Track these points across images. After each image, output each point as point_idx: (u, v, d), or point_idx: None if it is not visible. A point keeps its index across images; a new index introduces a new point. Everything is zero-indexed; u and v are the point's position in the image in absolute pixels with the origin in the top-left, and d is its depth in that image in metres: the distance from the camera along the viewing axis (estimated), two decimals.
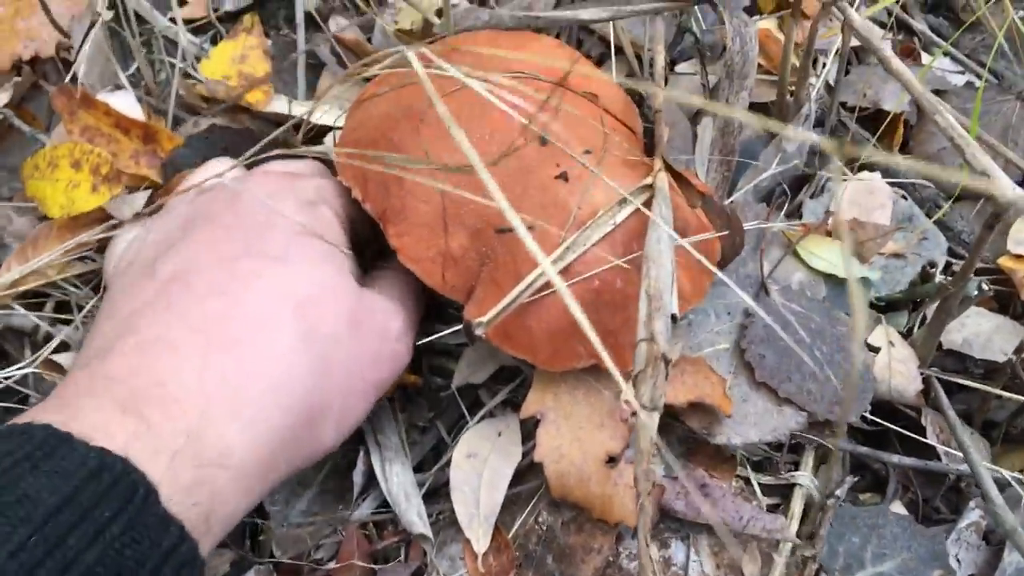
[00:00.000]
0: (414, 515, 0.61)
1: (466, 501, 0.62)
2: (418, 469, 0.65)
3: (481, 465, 0.63)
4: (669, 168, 0.60)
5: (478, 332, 0.55)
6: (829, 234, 0.74)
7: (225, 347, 0.49)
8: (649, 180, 0.58)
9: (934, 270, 0.74)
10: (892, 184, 0.80)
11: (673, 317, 0.52)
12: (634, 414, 0.47)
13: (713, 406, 0.61)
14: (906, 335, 0.73)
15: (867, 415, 0.68)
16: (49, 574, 0.36)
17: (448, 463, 0.63)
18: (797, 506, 0.65)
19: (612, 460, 0.59)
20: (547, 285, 0.55)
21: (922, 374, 0.70)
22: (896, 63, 0.61)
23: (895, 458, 0.68)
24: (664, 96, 0.64)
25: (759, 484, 0.65)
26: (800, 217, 0.78)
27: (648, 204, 0.57)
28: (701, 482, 0.62)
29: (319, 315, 0.53)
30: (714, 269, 0.50)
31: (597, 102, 0.63)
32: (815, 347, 0.67)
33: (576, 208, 0.56)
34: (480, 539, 0.61)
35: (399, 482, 0.63)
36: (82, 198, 0.70)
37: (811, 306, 0.69)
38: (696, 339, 0.66)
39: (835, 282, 0.72)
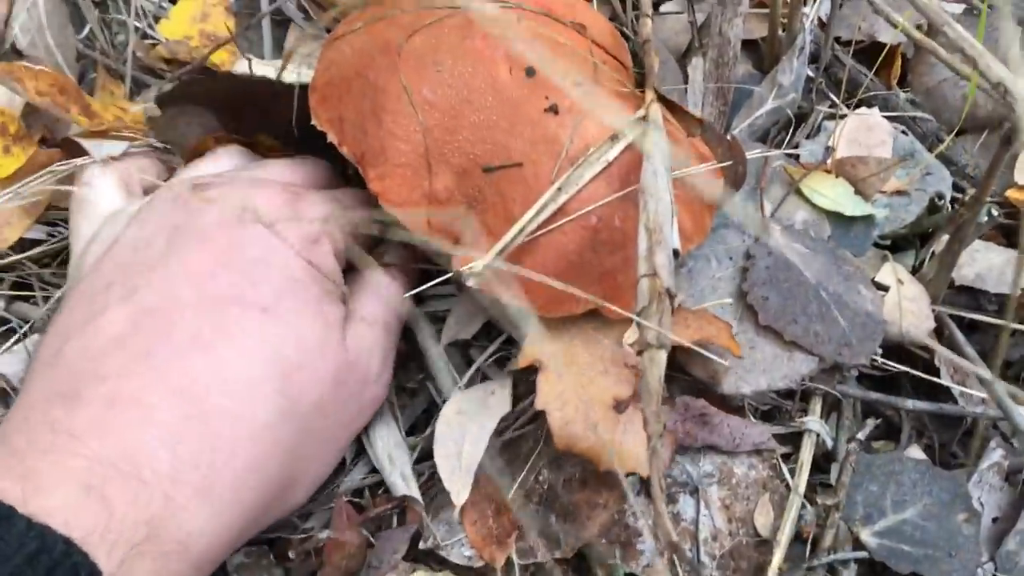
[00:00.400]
0: (397, 477, 0.58)
1: (448, 454, 0.58)
2: (411, 433, 0.62)
3: (468, 420, 0.59)
4: (663, 99, 0.56)
5: (470, 283, 0.51)
6: (831, 172, 0.71)
7: (204, 418, 0.45)
8: (642, 112, 0.55)
9: (942, 202, 0.70)
10: (891, 119, 0.77)
11: (675, 253, 0.48)
12: (640, 353, 0.43)
13: (721, 349, 0.58)
14: (914, 273, 0.70)
15: (877, 358, 0.65)
16: None
17: None
18: (807, 454, 0.61)
19: (620, 405, 0.55)
20: (541, 226, 0.52)
21: (934, 311, 0.67)
22: None
23: (909, 403, 0.65)
24: (651, 26, 0.60)
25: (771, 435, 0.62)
26: (797, 159, 0.75)
27: (643, 136, 0.53)
28: (700, 410, 0.59)
29: (304, 383, 0.50)
30: (717, 197, 0.46)
31: (585, 33, 0.59)
32: (821, 287, 0.63)
33: (568, 142, 0.52)
34: (460, 491, 0.57)
35: (384, 444, 0.60)
36: None
37: (815, 245, 0.65)
38: (697, 287, 0.63)
39: (839, 220, 0.69)
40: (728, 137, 0.57)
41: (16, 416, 0.45)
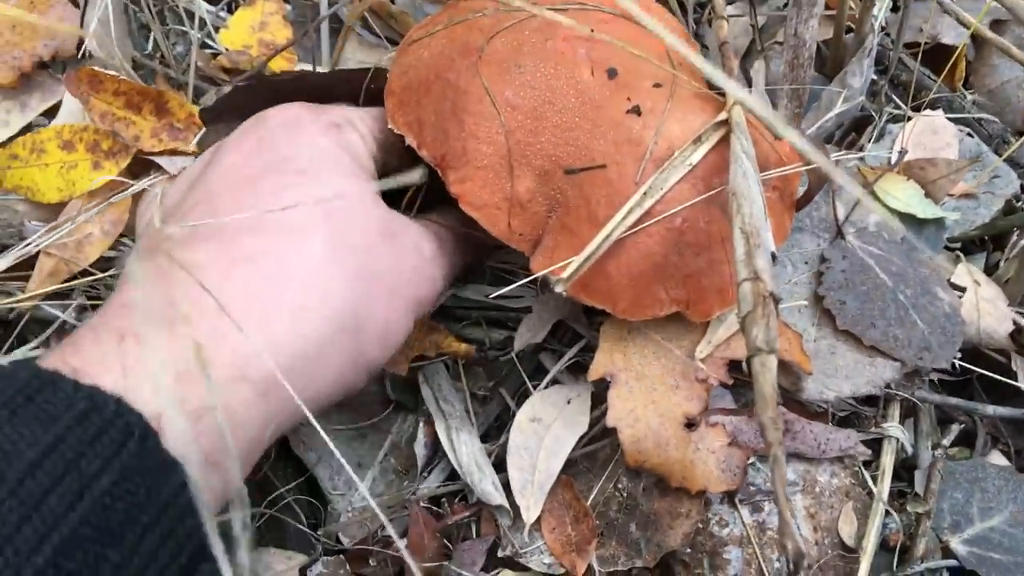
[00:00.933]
0: (489, 485, 0.57)
1: (522, 466, 0.57)
2: (484, 441, 0.61)
3: (544, 431, 0.58)
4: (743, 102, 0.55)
5: (558, 289, 0.50)
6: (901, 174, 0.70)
7: (251, 259, 0.44)
8: (724, 115, 0.54)
9: (1021, 203, 0.69)
10: (955, 122, 0.76)
11: (773, 256, 0.47)
12: (750, 359, 0.42)
13: (792, 363, 0.57)
14: (988, 275, 0.69)
15: (955, 362, 0.64)
16: (25, 545, 0.32)
17: None
18: (888, 459, 0.60)
19: (691, 424, 0.54)
20: (626, 230, 0.51)
21: (1014, 312, 0.66)
22: None
23: (989, 409, 0.64)
24: (727, 28, 0.59)
25: None
26: (863, 161, 0.74)
27: (727, 138, 0.52)
28: (782, 418, 0.58)
29: (349, 224, 0.48)
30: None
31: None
32: (898, 290, 0.62)
33: (652, 144, 0.51)
34: (531, 507, 0.56)
35: (469, 451, 0.58)
36: (83, 177, 0.65)
37: (890, 248, 0.64)
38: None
39: (911, 223, 0.68)
40: (812, 140, 0.55)
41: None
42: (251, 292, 0.43)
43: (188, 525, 0.37)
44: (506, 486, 0.58)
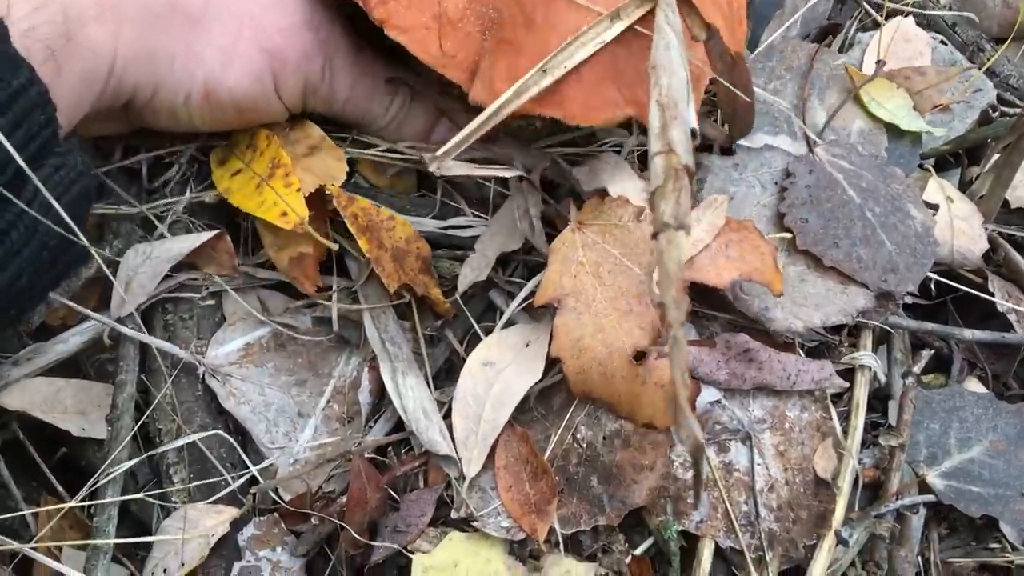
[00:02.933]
0: (436, 434, 0.52)
1: (467, 414, 0.53)
2: (434, 386, 0.56)
3: (495, 376, 0.53)
4: None
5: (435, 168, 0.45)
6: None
7: None
8: None
9: (996, 113, 0.65)
10: (928, 28, 0.71)
11: (693, 132, 0.42)
12: (655, 236, 0.38)
13: (762, 283, 0.52)
14: (962, 192, 0.65)
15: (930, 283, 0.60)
16: None
17: None
18: (861, 391, 0.56)
19: (641, 355, 0.50)
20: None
21: (987, 231, 0.62)
22: None
23: (967, 333, 0.60)
24: None
25: None
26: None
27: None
28: (744, 347, 0.54)
29: None
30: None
31: None
32: (867, 207, 0.58)
33: None
34: (473, 460, 0.52)
35: (415, 396, 0.54)
36: None
37: (862, 162, 0.60)
38: (743, 215, 0.57)
39: (895, 133, 0.63)
40: (733, 56, 0.50)
41: None
42: None
43: (36, 119, 0.39)
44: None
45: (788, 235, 0.56)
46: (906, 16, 0.70)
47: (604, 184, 0.54)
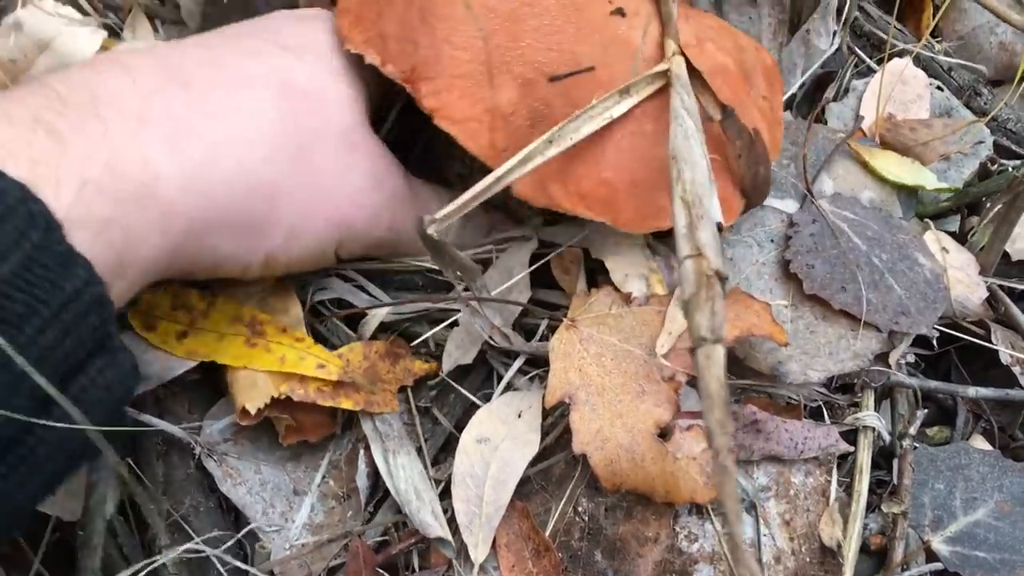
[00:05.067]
0: (428, 515, 0.51)
1: (468, 498, 0.51)
2: (436, 463, 0.55)
3: (491, 453, 0.52)
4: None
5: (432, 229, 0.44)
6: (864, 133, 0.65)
7: (188, 84, 0.42)
8: (663, 66, 0.48)
9: (996, 166, 0.64)
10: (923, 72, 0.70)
11: (719, 227, 0.42)
12: (694, 351, 0.37)
13: (764, 337, 0.51)
14: (962, 243, 0.64)
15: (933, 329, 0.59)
16: None
17: None
18: (865, 454, 0.56)
19: (664, 433, 0.49)
20: (619, 125, 0.47)
21: (985, 283, 0.62)
22: None
23: (971, 390, 0.59)
24: None
25: None
26: (825, 123, 0.68)
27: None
28: (751, 418, 0.53)
29: (309, 110, 0.46)
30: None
31: None
32: (873, 254, 0.57)
33: (641, 43, 0.47)
34: (479, 545, 0.51)
35: (407, 476, 0.53)
36: None
37: (866, 214, 0.59)
38: (742, 274, 0.57)
39: (903, 190, 0.63)
40: (752, 134, 0.49)
41: None
42: (176, 115, 0.41)
43: (90, 323, 0.36)
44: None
45: (785, 303, 0.55)
46: (904, 58, 0.70)
47: (606, 256, 0.53)
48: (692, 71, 0.49)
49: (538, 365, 0.55)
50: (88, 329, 0.36)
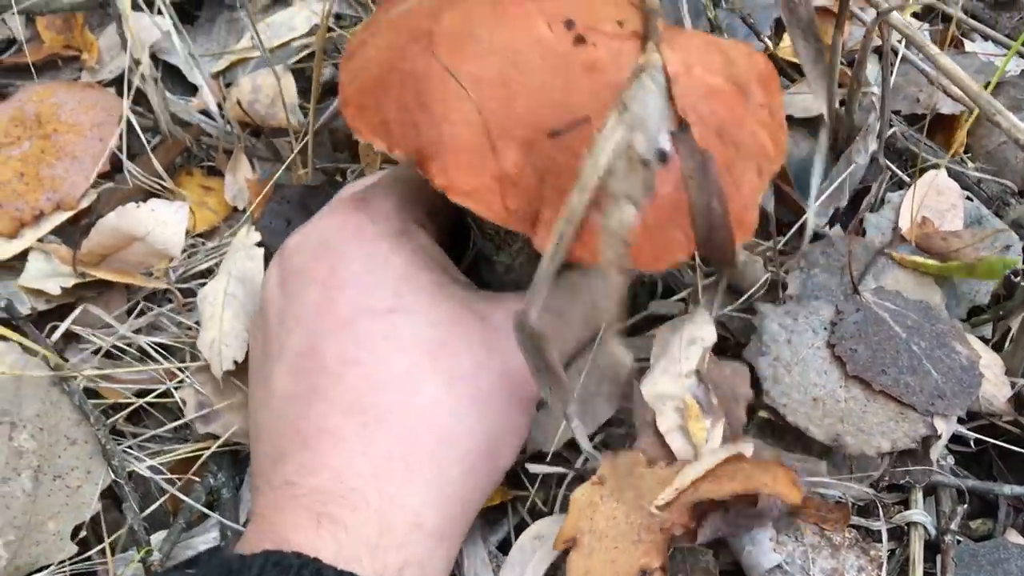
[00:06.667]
0: None
1: None
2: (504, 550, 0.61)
3: (540, 547, 0.58)
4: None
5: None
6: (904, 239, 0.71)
7: (379, 419, 0.48)
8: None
9: (1018, 278, 0.70)
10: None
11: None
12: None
13: (774, 496, 0.55)
14: (997, 348, 0.69)
15: (967, 431, 0.65)
16: None
17: None
18: (917, 548, 0.61)
19: (645, 574, 0.52)
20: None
21: (1012, 383, 0.67)
22: (946, 61, 0.57)
23: (1006, 489, 0.65)
24: None
25: (872, 531, 0.61)
26: (864, 234, 0.74)
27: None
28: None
29: (453, 354, 0.51)
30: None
31: None
32: (912, 342, 0.64)
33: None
34: None
35: (471, 563, 0.59)
36: None
37: (907, 305, 0.66)
38: (799, 355, 0.63)
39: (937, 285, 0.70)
40: (706, 156, 0.49)
41: (254, 491, 0.51)
42: (393, 453, 0.48)
43: None
44: None
45: (841, 384, 0.62)
46: (937, 169, 0.76)
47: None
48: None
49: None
50: None
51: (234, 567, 0.41)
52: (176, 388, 0.66)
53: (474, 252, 0.65)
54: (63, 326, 0.68)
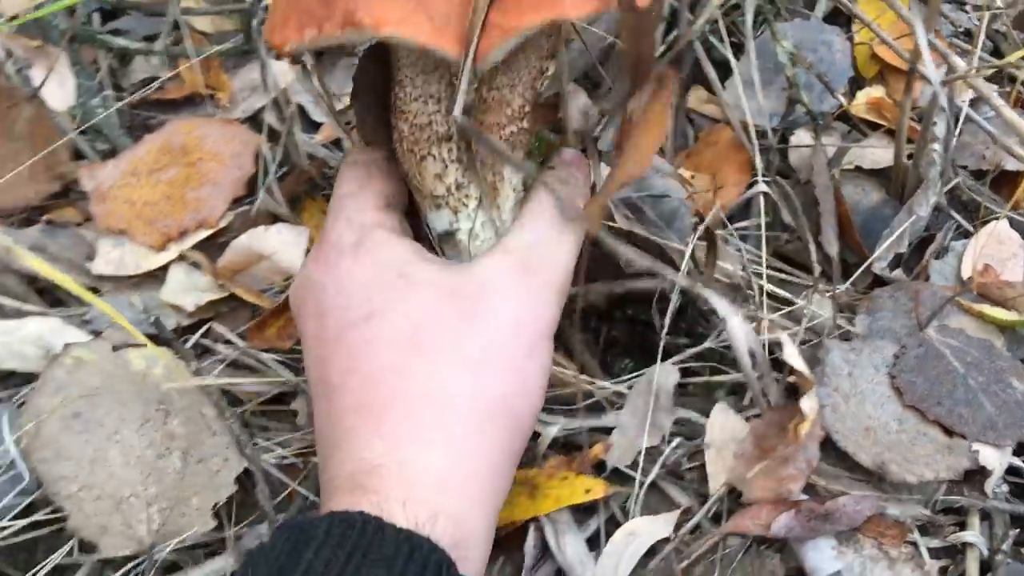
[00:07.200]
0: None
1: None
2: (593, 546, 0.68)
3: (635, 541, 0.66)
4: None
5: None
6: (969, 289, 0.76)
7: (384, 408, 0.54)
8: None
9: None
10: None
11: None
12: None
13: None
14: None
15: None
16: None
17: None
18: (973, 566, 0.66)
19: None
20: None
21: None
22: (1010, 114, 0.65)
23: None
24: None
25: (927, 548, 0.67)
26: (928, 278, 0.80)
27: None
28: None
29: (433, 335, 0.55)
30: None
31: None
32: (969, 376, 0.69)
33: None
34: None
35: (573, 551, 0.66)
36: None
37: (969, 342, 0.72)
38: (858, 388, 0.69)
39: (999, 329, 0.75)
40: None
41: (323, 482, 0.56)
42: (403, 430, 0.53)
43: None
44: None
45: (896, 419, 0.68)
46: (999, 220, 0.81)
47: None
48: None
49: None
50: None
51: (306, 526, 0.47)
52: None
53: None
54: (193, 338, 0.78)
